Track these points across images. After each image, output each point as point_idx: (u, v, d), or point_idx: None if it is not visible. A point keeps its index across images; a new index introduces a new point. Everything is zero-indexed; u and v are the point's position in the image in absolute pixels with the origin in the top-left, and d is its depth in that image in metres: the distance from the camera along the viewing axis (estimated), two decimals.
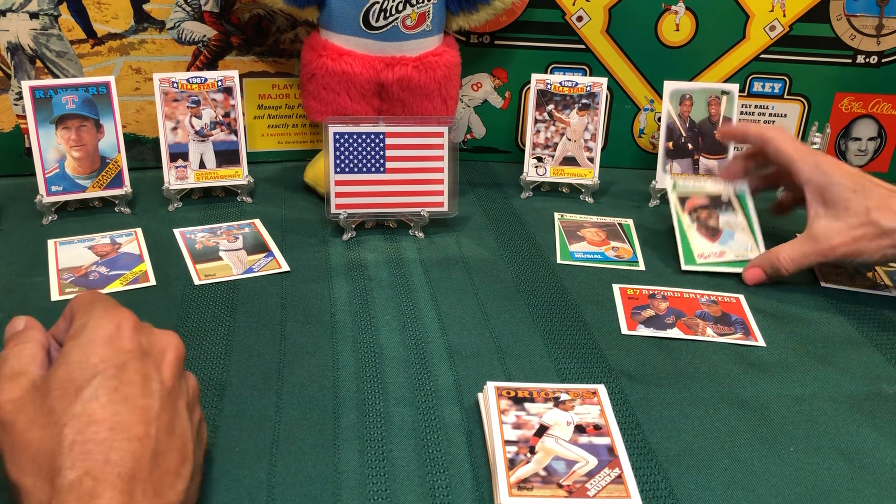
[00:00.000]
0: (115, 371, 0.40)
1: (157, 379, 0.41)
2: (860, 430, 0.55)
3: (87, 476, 0.36)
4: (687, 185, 0.81)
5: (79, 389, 0.39)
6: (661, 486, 0.49)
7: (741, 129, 0.80)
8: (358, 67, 0.80)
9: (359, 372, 0.58)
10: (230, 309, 0.65)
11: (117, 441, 0.37)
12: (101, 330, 0.42)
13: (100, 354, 0.40)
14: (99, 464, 0.36)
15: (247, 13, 0.90)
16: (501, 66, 0.97)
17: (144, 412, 0.39)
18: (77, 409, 0.38)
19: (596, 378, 0.59)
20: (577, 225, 0.83)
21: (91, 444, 0.37)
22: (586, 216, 0.86)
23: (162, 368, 0.42)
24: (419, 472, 0.49)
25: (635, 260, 0.77)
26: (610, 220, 0.85)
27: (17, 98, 0.86)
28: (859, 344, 0.65)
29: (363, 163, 0.77)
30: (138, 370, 0.41)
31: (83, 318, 0.43)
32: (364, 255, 0.75)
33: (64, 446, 0.37)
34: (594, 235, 0.80)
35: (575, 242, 0.79)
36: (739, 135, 0.80)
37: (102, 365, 0.40)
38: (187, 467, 0.40)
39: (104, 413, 0.38)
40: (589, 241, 0.79)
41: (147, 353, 0.42)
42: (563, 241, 0.79)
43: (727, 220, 0.78)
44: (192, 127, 0.83)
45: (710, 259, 0.75)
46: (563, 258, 0.77)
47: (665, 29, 0.94)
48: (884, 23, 0.94)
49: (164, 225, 0.79)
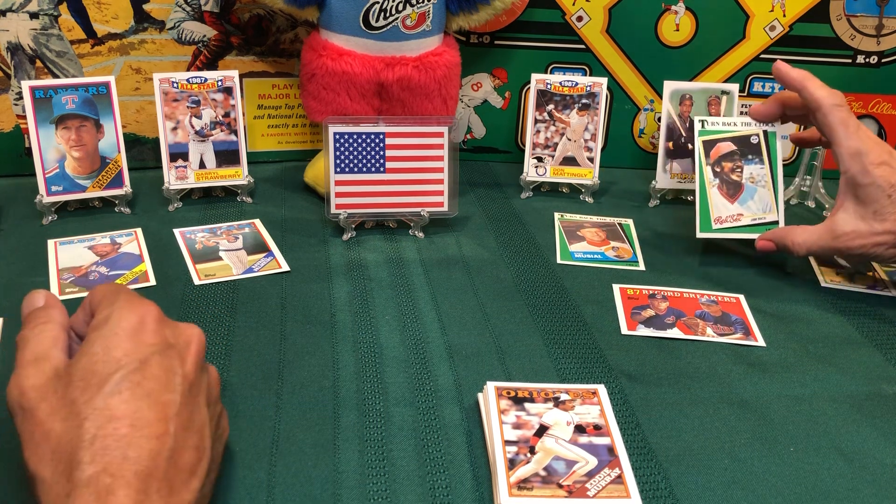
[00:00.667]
0: (139, 365, 0.40)
1: (181, 372, 0.41)
2: (860, 430, 0.55)
3: (104, 473, 0.36)
4: (715, 126, 0.77)
5: (101, 383, 0.39)
6: (661, 486, 0.49)
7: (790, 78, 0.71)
8: (358, 67, 0.80)
9: (359, 372, 0.58)
10: (230, 309, 0.65)
11: (136, 438, 0.37)
12: (125, 322, 0.41)
13: (123, 348, 0.40)
14: (117, 460, 0.36)
15: (247, 13, 0.90)
16: (501, 66, 0.97)
17: (165, 408, 0.39)
18: (99, 402, 0.38)
19: (596, 378, 0.59)
20: (577, 225, 0.83)
21: (111, 440, 0.37)
22: (586, 216, 0.86)
23: (186, 361, 0.42)
24: (419, 472, 0.49)
25: (635, 260, 0.77)
26: (610, 220, 0.85)
27: (17, 98, 0.86)
28: (859, 344, 0.65)
29: (363, 163, 0.77)
30: (161, 364, 0.40)
31: (106, 309, 0.43)
32: (364, 255, 0.75)
33: (84, 440, 0.37)
34: (594, 235, 0.80)
35: (575, 242, 0.79)
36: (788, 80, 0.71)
37: (126, 359, 0.40)
38: (203, 464, 0.40)
39: (126, 409, 0.38)
40: (589, 241, 0.79)
41: (171, 346, 0.42)
42: (563, 241, 0.79)
43: (752, 172, 0.75)
44: (192, 127, 0.83)
45: (726, 224, 0.74)
46: (564, 258, 0.77)
47: (665, 29, 0.94)
48: (884, 23, 0.94)
49: (164, 225, 0.79)
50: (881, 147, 0.67)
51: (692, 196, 0.91)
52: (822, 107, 0.68)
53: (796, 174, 0.91)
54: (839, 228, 0.67)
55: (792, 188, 0.91)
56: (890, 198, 0.65)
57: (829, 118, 0.68)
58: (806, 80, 0.70)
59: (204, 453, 0.40)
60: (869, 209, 0.66)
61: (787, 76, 0.71)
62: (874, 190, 0.65)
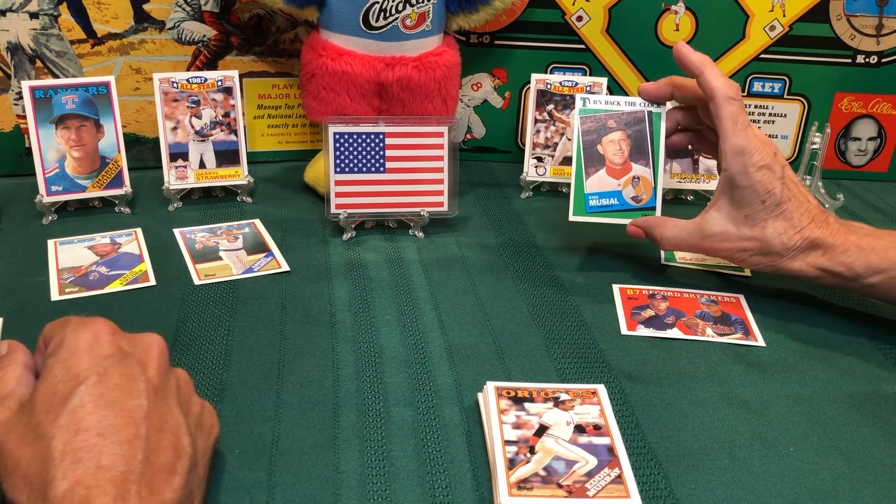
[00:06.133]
0: (99, 377, 0.40)
1: (143, 378, 0.41)
2: (860, 430, 0.55)
3: (79, 485, 0.36)
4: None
5: (64, 400, 0.39)
6: (660, 486, 0.49)
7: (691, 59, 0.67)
8: (358, 67, 0.80)
9: (359, 372, 0.58)
10: (230, 309, 0.65)
11: (107, 446, 0.37)
12: (80, 340, 0.42)
13: (81, 364, 0.41)
14: (90, 471, 0.36)
15: (247, 13, 0.90)
16: (501, 66, 0.97)
17: (132, 413, 0.39)
18: (64, 419, 0.38)
19: (596, 378, 0.59)
20: (601, 125, 0.71)
21: (81, 452, 0.37)
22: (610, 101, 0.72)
23: (147, 367, 0.42)
24: (419, 472, 0.49)
25: (652, 205, 0.71)
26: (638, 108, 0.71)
27: (17, 98, 0.86)
28: (859, 344, 0.65)
29: (363, 163, 0.77)
30: (122, 373, 0.41)
31: (59, 334, 0.43)
32: (364, 255, 0.75)
33: (54, 458, 0.37)
34: (615, 154, 0.70)
35: (593, 170, 0.70)
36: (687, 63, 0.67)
37: (85, 373, 0.40)
38: (183, 462, 0.40)
39: (91, 420, 0.38)
40: (608, 168, 0.70)
41: (129, 355, 0.42)
42: (579, 178, 0.71)
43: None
44: (192, 127, 0.83)
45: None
46: (577, 212, 0.71)
47: (665, 29, 0.94)
48: (884, 23, 0.94)
49: (164, 225, 0.79)
50: (767, 148, 0.64)
51: (692, 196, 0.91)
52: (716, 97, 0.64)
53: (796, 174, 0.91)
54: (709, 228, 0.65)
55: None
56: (763, 203, 0.63)
57: (720, 110, 0.64)
58: (704, 66, 0.65)
59: (182, 451, 0.40)
60: (741, 213, 0.64)
61: (687, 59, 0.66)
62: (750, 193, 0.63)
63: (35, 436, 0.38)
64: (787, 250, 0.63)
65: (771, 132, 0.99)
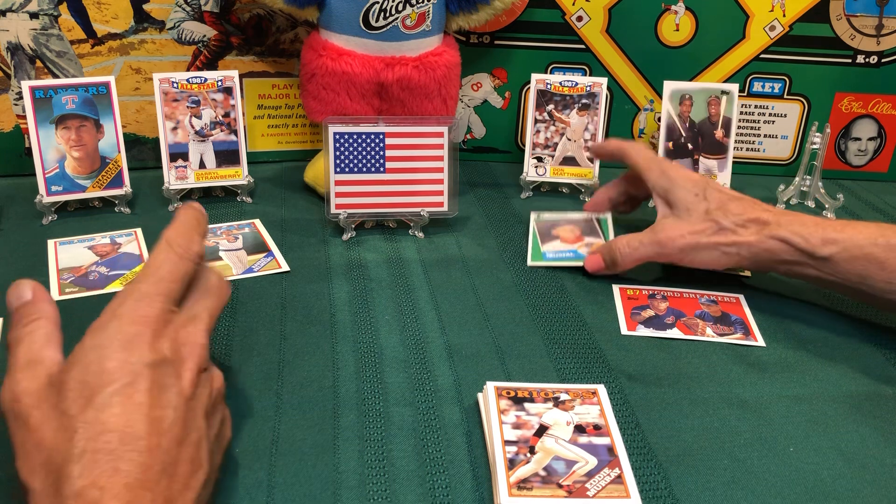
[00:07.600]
0: (131, 379, 0.39)
1: (175, 388, 0.41)
2: (860, 430, 0.55)
3: (93, 486, 0.36)
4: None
5: (92, 395, 0.38)
6: (660, 486, 0.49)
7: (605, 145, 0.81)
8: (358, 67, 0.80)
9: (359, 372, 0.58)
10: (230, 309, 0.65)
11: (127, 451, 0.37)
12: (122, 333, 0.41)
13: (117, 359, 0.40)
14: (106, 473, 0.36)
15: (247, 13, 0.90)
16: (501, 66, 0.97)
17: (157, 423, 0.39)
18: (90, 415, 0.38)
19: (596, 378, 0.59)
20: (552, 224, 0.81)
21: (101, 454, 0.37)
22: (562, 213, 0.83)
23: (182, 377, 0.42)
24: (419, 472, 0.49)
25: None
26: (587, 215, 0.82)
27: (17, 98, 0.86)
28: (859, 344, 0.65)
29: (363, 163, 0.77)
30: (155, 380, 0.40)
31: (110, 310, 0.42)
32: (364, 255, 0.75)
33: (74, 454, 0.37)
34: (568, 233, 0.80)
35: (549, 241, 0.78)
36: (605, 151, 0.81)
37: (118, 373, 0.39)
38: (199, 476, 0.40)
39: (116, 422, 0.38)
40: (563, 240, 0.79)
41: (166, 361, 0.41)
42: (535, 242, 0.78)
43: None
44: (192, 127, 0.83)
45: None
46: (535, 259, 0.76)
47: (665, 29, 0.94)
48: (884, 23, 0.94)
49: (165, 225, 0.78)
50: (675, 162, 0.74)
51: None
52: (625, 150, 0.76)
53: (796, 174, 0.91)
54: (663, 233, 0.69)
55: (792, 188, 0.91)
56: (696, 196, 0.69)
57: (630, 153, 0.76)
58: (608, 142, 0.80)
59: (200, 466, 0.40)
60: (682, 209, 0.70)
61: (596, 147, 0.84)
62: (681, 192, 0.70)
63: (59, 423, 0.38)
64: (737, 225, 0.67)
65: (771, 132, 1.00)
